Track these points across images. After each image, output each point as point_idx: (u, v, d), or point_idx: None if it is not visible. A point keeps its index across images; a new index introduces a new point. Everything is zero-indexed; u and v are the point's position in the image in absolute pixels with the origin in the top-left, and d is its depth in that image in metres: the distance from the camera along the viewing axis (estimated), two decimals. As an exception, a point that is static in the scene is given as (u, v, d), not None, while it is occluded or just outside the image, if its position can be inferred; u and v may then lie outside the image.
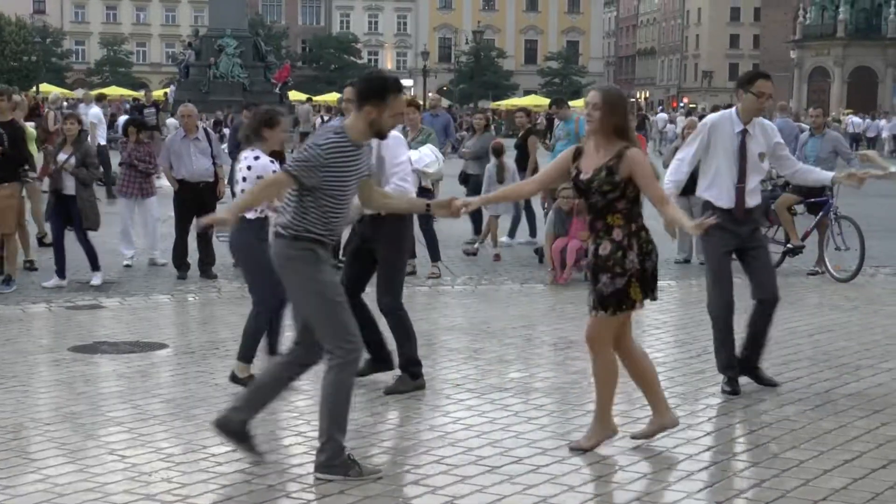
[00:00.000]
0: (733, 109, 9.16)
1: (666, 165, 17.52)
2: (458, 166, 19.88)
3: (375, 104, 6.77)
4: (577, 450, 7.29)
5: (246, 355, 9.16)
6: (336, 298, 6.80)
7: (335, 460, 6.72)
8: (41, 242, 17.79)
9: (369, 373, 9.19)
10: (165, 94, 60.86)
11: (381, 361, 9.29)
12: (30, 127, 18.69)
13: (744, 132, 8.97)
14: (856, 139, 55.71)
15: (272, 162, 9.16)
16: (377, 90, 6.82)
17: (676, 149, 17.09)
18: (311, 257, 6.75)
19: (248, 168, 9.10)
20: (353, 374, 6.84)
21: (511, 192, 10.37)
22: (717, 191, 9.00)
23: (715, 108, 30.59)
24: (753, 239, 9.13)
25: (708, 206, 9.03)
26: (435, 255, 15.27)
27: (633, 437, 7.52)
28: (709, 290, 9.13)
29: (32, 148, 17.70)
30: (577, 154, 7.39)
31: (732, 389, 8.94)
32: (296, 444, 7.53)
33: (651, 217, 7.40)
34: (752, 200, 9.08)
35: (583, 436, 7.45)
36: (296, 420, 8.13)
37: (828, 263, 15.71)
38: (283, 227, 6.79)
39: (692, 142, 9.24)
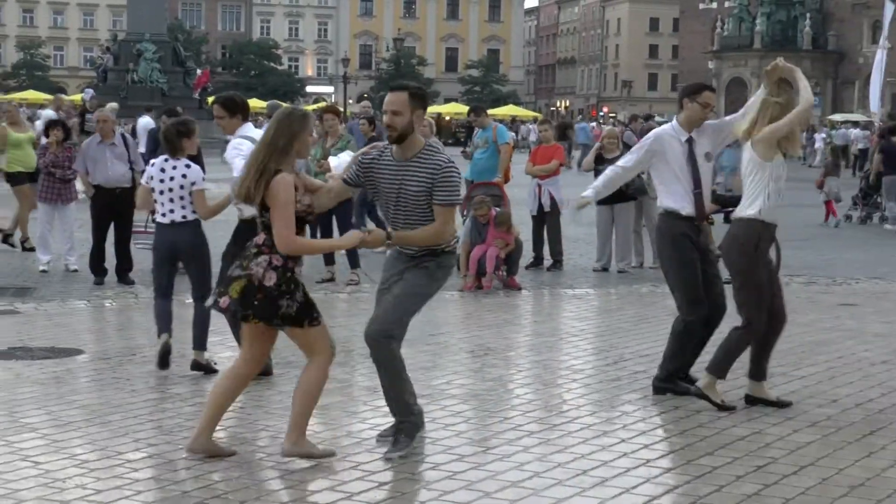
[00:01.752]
0: (673, 122, 9.35)
1: (586, 169, 17.71)
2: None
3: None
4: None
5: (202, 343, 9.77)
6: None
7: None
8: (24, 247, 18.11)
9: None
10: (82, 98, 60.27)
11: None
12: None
13: (690, 140, 9.15)
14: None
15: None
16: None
17: (599, 150, 17.24)
18: None
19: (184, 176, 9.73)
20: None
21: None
22: (676, 199, 9.12)
23: (633, 118, 30.86)
24: (708, 252, 9.28)
25: (670, 215, 9.15)
26: (354, 261, 15.26)
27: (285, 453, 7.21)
28: (682, 296, 9.13)
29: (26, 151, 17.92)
30: None
31: (688, 390, 9.05)
32: (212, 450, 7.51)
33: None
34: (707, 206, 9.29)
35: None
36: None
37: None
38: None
39: (636, 152, 9.36)
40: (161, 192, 9.68)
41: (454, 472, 7.04)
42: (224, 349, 10.65)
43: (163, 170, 9.68)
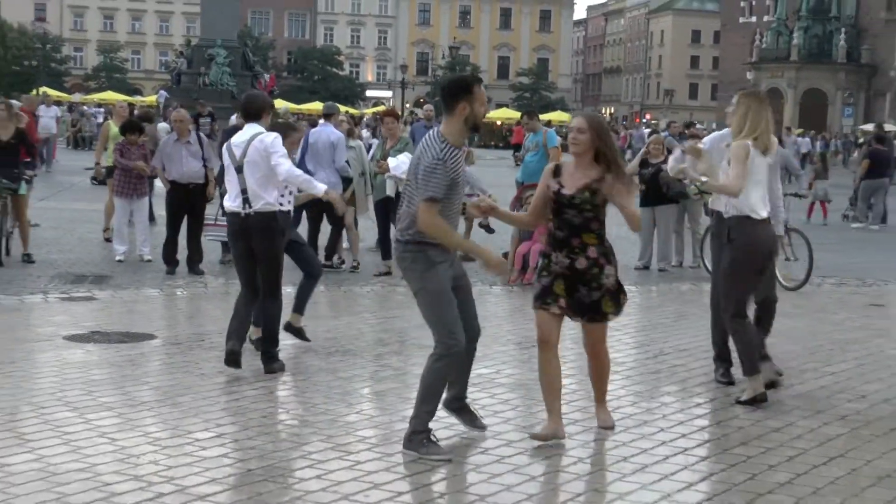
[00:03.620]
0: (726, 129, 9.39)
1: (630, 172, 17.65)
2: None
3: (466, 99, 6.89)
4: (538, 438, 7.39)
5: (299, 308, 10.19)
6: (444, 296, 7.03)
7: (414, 437, 6.99)
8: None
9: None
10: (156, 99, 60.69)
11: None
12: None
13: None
14: (804, 158, 55.86)
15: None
16: (464, 86, 6.95)
17: (645, 155, 17.19)
18: (422, 258, 6.99)
19: None
20: (448, 366, 7.09)
21: (516, 218, 10.26)
22: (723, 202, 9.09)
23: (669, 124, 30.82)
24: None
25: (716, 216, 9.21)
26: (387, 253, 15.28)
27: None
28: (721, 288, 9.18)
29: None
30: (557, 171, 7.50)
31: (728, 380, 9.26)
32: (278, 430, 7.55)
33: (621, 224, 7.47)
34: None
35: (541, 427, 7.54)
36: (276, 408, 8.15)
37: (778, 273, 15.79)
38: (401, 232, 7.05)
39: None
40: None
41: (502, 456, 7.06)
42: (284, 336, 10.70)
43: None
